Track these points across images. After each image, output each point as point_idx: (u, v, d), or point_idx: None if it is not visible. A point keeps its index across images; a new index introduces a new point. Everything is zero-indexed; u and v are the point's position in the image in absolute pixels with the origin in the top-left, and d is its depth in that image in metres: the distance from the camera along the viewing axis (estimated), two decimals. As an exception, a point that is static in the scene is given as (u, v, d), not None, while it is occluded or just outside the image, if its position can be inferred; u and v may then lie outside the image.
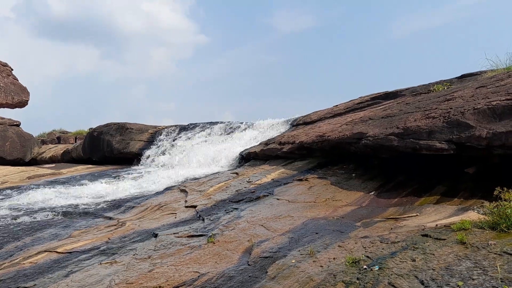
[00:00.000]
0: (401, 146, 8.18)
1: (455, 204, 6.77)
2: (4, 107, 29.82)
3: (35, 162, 28.15)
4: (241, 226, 7.14)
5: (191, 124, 23.41)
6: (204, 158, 17.30)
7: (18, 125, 28.50)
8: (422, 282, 3.98)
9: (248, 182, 10.97)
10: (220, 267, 5.39)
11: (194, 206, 9.22)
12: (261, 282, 4.76)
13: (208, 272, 5.24)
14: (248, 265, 5.37)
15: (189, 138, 21.43)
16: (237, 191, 10.20)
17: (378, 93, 14.79)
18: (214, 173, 13.70)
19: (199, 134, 21.55)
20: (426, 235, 5.23)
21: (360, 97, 15.43)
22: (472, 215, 5.78)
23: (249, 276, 4.98)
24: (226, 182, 11.46)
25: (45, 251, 6.97)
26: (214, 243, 6.37)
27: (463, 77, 12.63)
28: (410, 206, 7.16)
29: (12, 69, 30.55)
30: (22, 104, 30.82)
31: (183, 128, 23.10)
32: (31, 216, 9.78)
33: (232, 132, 20.29)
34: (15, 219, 9.60)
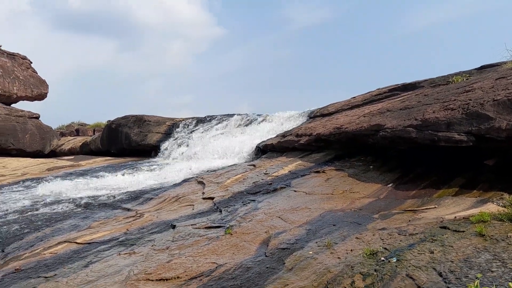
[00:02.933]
0: (420, 138, 8.11)
1: (474, 196, 6.70)
2: (23, 100, 30.22)
3: (54, 154, 28.46)
4: (258, 218, 7.16)
5: (208, 116, 23.44)
6: (221, 150, 17.32)
7: (37, 117, 28.81)
8: (440, 274, 3.96)
9: (265, 174, 10.98)
10: (238, 258, 5.42)
11: (212, 198, 9.26)
12: (279, 273, 4.78)
13: (225, 263, 5.27)
14: (266, 256, 5.39)
15: (206, 130, 21.48)
16: (254, 183, 10.21)
17: (396, 85, 14.65)
18: (231, 165, 13.73)
19: (216, 126, 21.58)
20: (444, 227, 5.20)
21: (378, 89, 15.30)
22: (491, 207, 5.73)
23: (267, 267, 5.00)
24: (243, 174, 11.48)
25: (65, 241, 7.06)
26: (232, 235, 6.40)
27: (482, 68, 12.45)
28: (428, 198, 7.11)
29: (31, 62, 30.90)
30: (41, 96, 31.21)
31: (200, 120, 23.15)
32: (51, 208, 9.92)
33: (249, 124, 20.27)
34: (35, 210, 9.74)
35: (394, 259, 4.51)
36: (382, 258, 4.63)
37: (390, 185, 8.31)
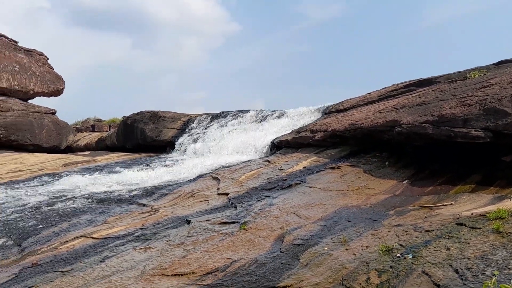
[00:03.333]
0: (436, 134, 8.05)
1: (491, 192, 6.64)
2: (40, 96, 30.54)
3: (70, 149, 28.70)
4: (273, 214, 7.16)
5: (223, 112, 23.46)
6: (236, 146, 17.34)
7: (53, 113, 29.08)
8: (456, 271, 3.94)
9: (280, 170, 10.97)
10: (253, 254, 5.43)
11: (226, 194, 9.28)
12: (294, 269, 4.78)
13: (240, 259, 5.28)
14: (281, 252, 5.39)
15: (221, 126, 21.50)
16: (269, 179, 10.22)
17: (412, 81, 14.54)
18: (246, 161, 13.74)
19: (231, 122, 21.59)
20: (461, 224, 5.16)
21: (394, 85, 15.20)
22: (509, 204, 5.67)
23: (281, 263, 5.00)
24: (258, 170, 11.49)
25: (81, 236, 7.13)
26: (247, 230, 6.41)
27: (500, 63, 12.30)
28: (444, 194, 7.06)
29: (47, 58, 31.19)
30: (57, 92, 31.50)
31: (215, 116, 23.18)
32: (67, 203, 10.01)
33: (264, 120, 20.26)
34: (52, 206, 9.84)
35: (410, 256, 4.49)
36: (398, 255, 4.61)
37: (405, 181, 8.26)
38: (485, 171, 7.53)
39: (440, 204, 6.47)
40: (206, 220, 7.24)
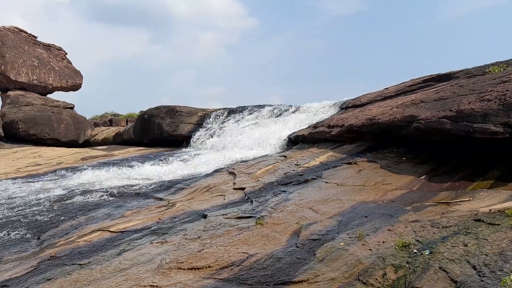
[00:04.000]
0: (454, 129, 7.98)
1: (510, 189, 6.57)
2: (58, 90, 30.89)
3: (88, 144, 28.95)
4: (289, 209, 7.16)
5: (239, 107, 23.46)
6: (252, 141, 17.33)
7: (72, 107, 29.39)
8: (474, 267, 3.90)
9: (296, 165, 10.96)
10: (269, 249, 5.44)
11: (243, 188, 9.30)
12: (310, 264, 4.78)
13: (256, 253, 5.29)
14: (297, 247, 5.40)
15: (237, 121, 21.51)
16: (285, 173, 10.21)
17: (431, 75, 14.39)
18: (262, 156, 13.73)
19: (248, 117, 21.59)
20: (479, 220, 5.11)
21: (412, 80, 15.06)
22: (528, 201, 5.61)
23: (298, 258, 5.01)
24: (274, 165, 11.49)
25: (99, 230, 7.19)
26: (263, 225, 6.42)
27: (521, 58, 12.13)
28: (462, 190, 7.00)
29: (66, 53, 31.52)
30: (76, 87, 31.82)
31: (231, 111, 23.19)
32: (85, 196, 10.10)
33: (280, 115, 20.22)
34: (70, 199, 9.94)
35: (427, 252, 4.46)
36: (415, 250, 4.58)
37: (423, 177, 8.20)
38: (505, 167, 7.45)
39: (458, 200, 6.41)
40: (222, 215, 7.26)
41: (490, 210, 5.47)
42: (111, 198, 9.84)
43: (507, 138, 7.13)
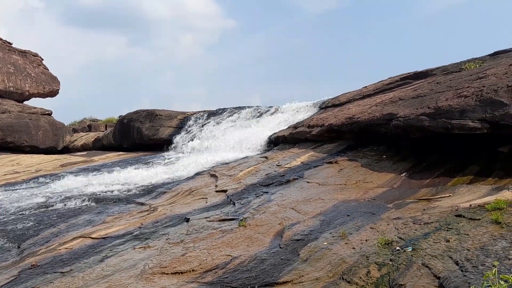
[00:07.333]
0: (433, 126, 8.05)
1: (489, 183, 6.65)
2: (36, 97, 30.46)
3: (67, 150, 28.63)
4: (272, 210, 7.16)
5: (219, 109, 23.42)
6: (233, 142, 17.31)
7: (50, 114, 29.01)
8: (456, 263, 3.94)
9: (278, 165, 10.97)
10: (252, 250, 5.43)
11: (225, 191, 9.28)
12: (294, 265, 4.78)
13: (240, 255, 5.28)
14: (280, 248, 5.39)
15: (217, 123, 21.46)
16: (266, 175, 10.21)
17: (408, 73, 14.53)
18: (243, 158, 13.72)
19: (228, 119, 21.55)
20: (460, 216, 5.16)
21: (390, 78, 15.18)
22: (507, 195, 5.68)
23: (281, 259, 5.00)
24: (255, 166, 11.48)
25: (80, 237, 7.11)
26: (246, 227, 6.41)
27: (496, 54, 12.29)
28: (442, 186, 7.07)
29: (42, 59, 31.11)
30: (53, 93, 31.42)
31: (211, 114, 23.14)
32: (65, 203, 9.99)
33: (260, 116, 20.23)
34: (50, 207, 9.82)
35: (410, 249, 4.49)
36: (398, 248, 4.61)
37: (403, 174, 8.26)
38: (483, 162, 7.54)
39: (438, 196, 6.47)
40: (205, 218, 7.24)
41: (470, 205, 5.53)
42: (92, 204, 9.75)
43: (484, 133, 7.22)
